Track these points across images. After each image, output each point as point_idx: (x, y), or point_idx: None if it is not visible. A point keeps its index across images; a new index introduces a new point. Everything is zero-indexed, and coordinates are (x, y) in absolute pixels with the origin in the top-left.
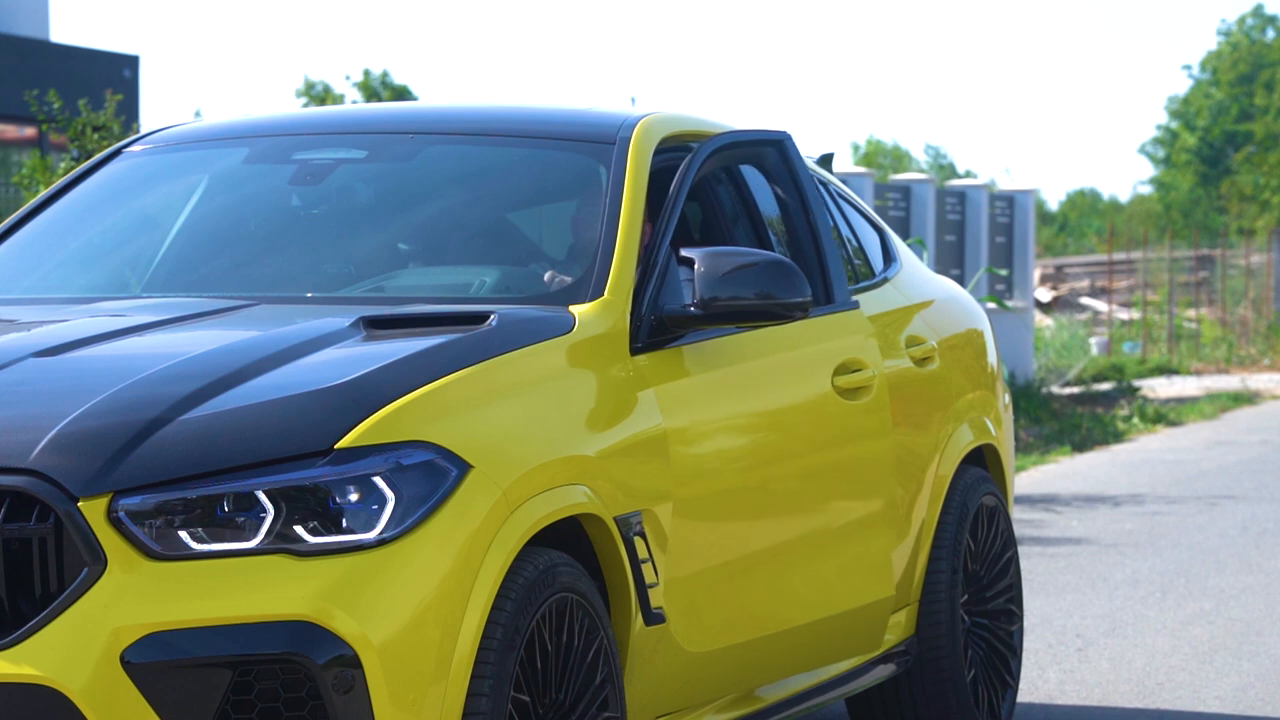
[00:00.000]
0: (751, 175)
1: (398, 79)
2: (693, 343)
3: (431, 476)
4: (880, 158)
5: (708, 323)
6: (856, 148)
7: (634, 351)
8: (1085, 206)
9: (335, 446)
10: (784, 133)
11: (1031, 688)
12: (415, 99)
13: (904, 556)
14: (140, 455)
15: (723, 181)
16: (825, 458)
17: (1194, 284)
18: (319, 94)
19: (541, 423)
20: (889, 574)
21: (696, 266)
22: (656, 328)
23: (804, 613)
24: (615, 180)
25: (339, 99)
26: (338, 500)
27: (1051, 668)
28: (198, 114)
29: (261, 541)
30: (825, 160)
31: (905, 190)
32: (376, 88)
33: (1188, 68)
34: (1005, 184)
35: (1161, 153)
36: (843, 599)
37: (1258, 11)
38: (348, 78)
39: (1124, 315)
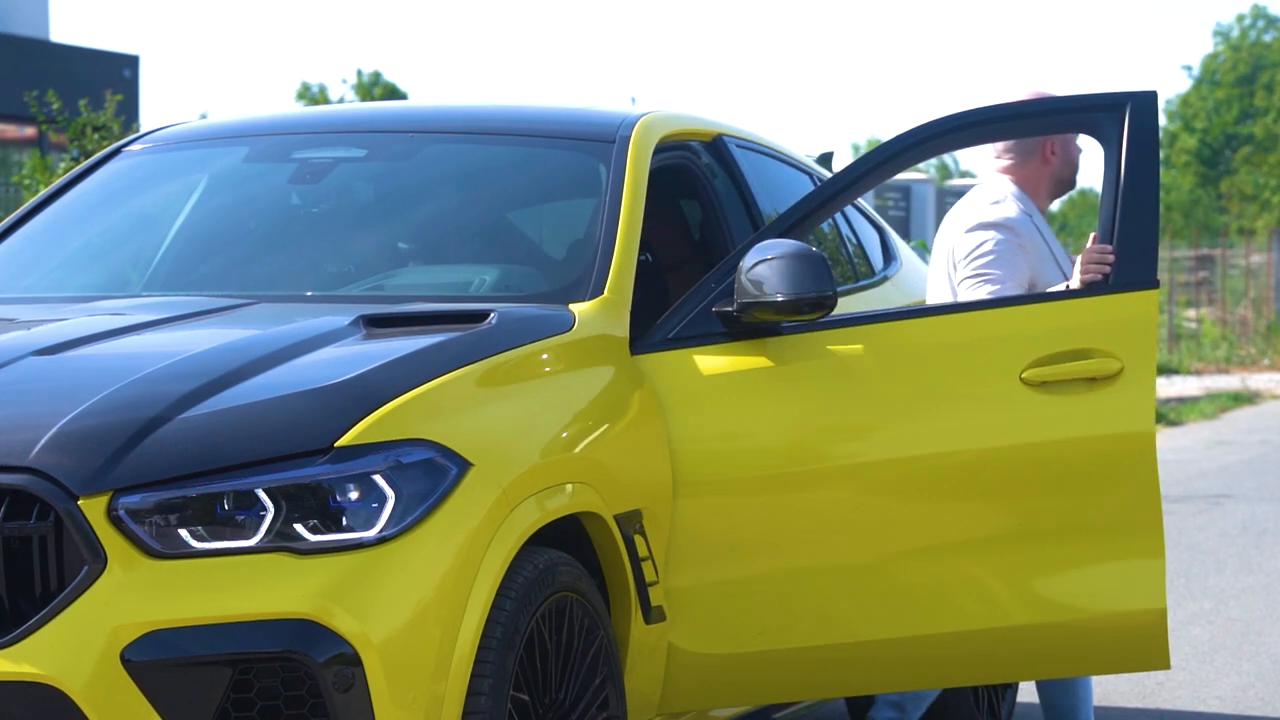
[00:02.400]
0: (751, 169)
1: (399, 80)
2: (787, 335)
3: (431, 475)
4: None
5: (740, 319)
6: (857, 148)
7: (650, 350)
8: (1085, 206)
9: (335, 445)
10: (1131, 96)
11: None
12: (405, 97)
13: None
14: (140, 454)
15: (719, 176)
16: (956, 456)
17: (1194, 284)
18: (315, 96)
19: (541, 421)
20: (1108, 585)
21: (744, 265)
22: (725, 322)
23: (894, 627)
24: (615, 179)
25: (335, 104)
26: (338, 498)
27: None
28: (203, 116)
29: (261, 540)
30: (825, 160)
31: (905, 190)
32: (369, 87)
33: (1188, 68)
34: None
35: (1161, 154)
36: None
37: (1258, 13)
38: (345, 81)
39: None
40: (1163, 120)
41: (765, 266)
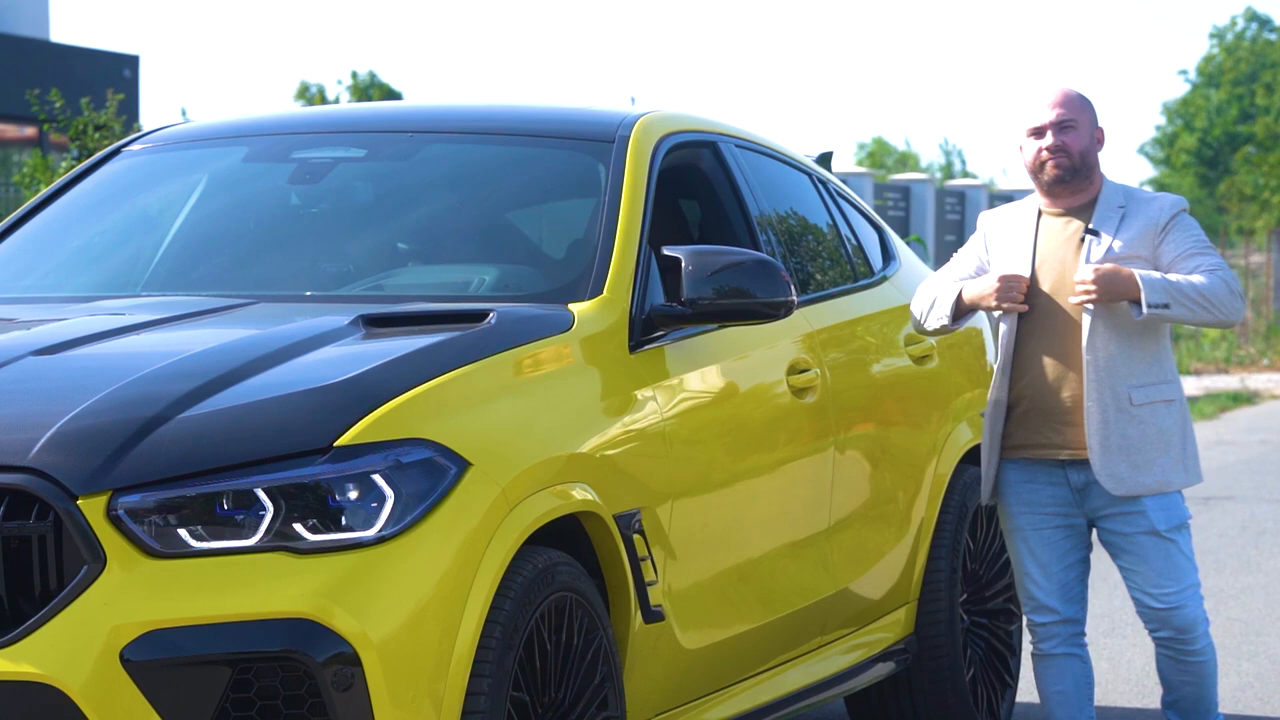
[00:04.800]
0: (750, 169)
1: (398, 81)
2: (678, 340)
3: (430, 474)
4: (885, 157)
5: (694, 321)
6: (862, 146)
7: (631, 350)
8: None
9: (334, 444)
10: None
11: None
12: (401, 97)
13: (903, 555)
14: (139, 453)
15: (718, 176)
16: (788, 453)
17: None
18: (313, 96)
19: (540, 420)
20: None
21: (683, 265)
22: (646, 325)
23: (794, 599)
24: (615, 179)
25: (332, 104)
26: (337, 498)
27: None
28: (183, 113)
29: (261, 539)
30: (825, 159)
31: (905, 190)
32: (364, 88)
33: (1184, 73)
34: (1005, 184)
35: (1161, 154)
36: (828, 583)
37: (1251, 15)
38: (340, 82)
39: None
40: (1162, 120)
41: (731, 272)
